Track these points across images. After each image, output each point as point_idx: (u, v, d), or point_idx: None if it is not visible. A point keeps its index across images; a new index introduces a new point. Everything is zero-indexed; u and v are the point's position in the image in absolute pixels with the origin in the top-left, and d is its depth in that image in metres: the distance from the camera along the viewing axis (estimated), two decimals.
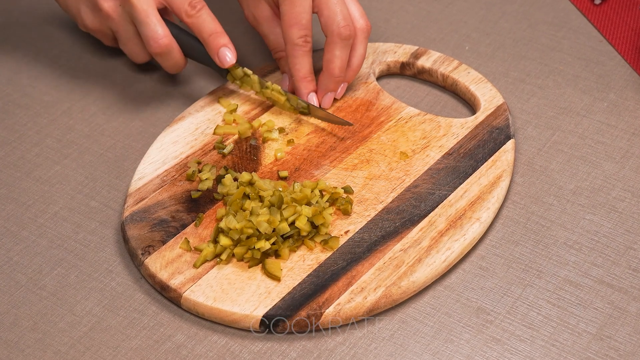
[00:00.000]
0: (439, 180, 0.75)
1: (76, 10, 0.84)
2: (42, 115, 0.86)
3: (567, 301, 0.68)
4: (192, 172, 0.76)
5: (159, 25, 0.79)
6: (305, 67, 0.80)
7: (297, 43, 0.78)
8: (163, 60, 0.82)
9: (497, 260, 0.71)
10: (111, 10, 0.81)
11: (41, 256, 0.73)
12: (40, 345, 0.67)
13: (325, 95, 0.81)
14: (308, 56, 0.79)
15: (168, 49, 0.80)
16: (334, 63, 0.79)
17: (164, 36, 0.80)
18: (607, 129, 0.82)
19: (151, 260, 0.70)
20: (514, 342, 0.66)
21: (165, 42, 0.80)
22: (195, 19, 0.80)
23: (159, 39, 0.79)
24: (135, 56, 0.84)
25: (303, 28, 0.78)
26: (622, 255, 0.71)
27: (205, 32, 0.80)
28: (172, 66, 0.82)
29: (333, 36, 0.78)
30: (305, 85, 0.80)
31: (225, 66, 0.80)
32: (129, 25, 0.81)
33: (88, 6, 0.83)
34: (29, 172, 0.80)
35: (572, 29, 0.93)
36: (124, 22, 0.81)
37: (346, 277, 0.68)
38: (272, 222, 0.69)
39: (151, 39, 0.80)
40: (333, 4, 0.78)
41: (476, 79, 0.85)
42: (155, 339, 0.67)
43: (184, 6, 0.80)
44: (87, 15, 0.83)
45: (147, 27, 0.79)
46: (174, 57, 0.81)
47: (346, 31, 0.78)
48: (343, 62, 0.79)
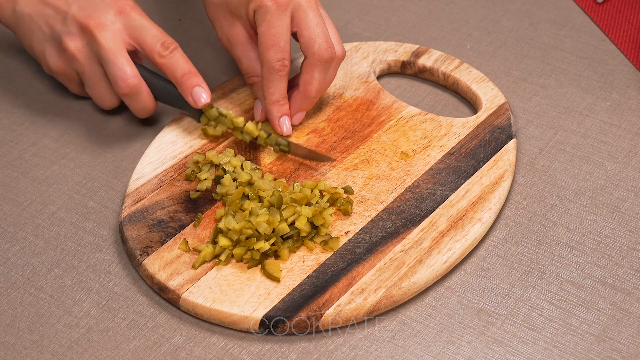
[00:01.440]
0: (440, 180, 0.75)
1: (41, 52, 0.81)
2: (39, 114, 0.86)
3: (569, 302, 0.68)
4: (190, 172, 0.76)
5: (128, 64, 0.77)
6: (280, 91, 0.77)
7: (274, 67, 0.76)
8: (131, 102, 0.79)
9: (498, 261, 0.71)
10: (77, 50, 0.78)
11: (38, 257, 0.73)
12: (37, 346, 0.67)
13: (297, 114, 0.79)
14: (284, 80, 0.77)
15: (137, 90, 0.78)
16: (312, 85, 0.77)
17: (133, 76, 0.77)
18: (609, 128, 0.82)
19: (149, 261, 0.70)
20: (516, 344, 0.66)
21: (134, 82, 0.77)
22: (167, 59, 0.77)
23: (127, 79, 0.77)
24: (102, 100, 0.81)
25: (281, 50, 0.76)
26: (625, 256, 0.71)
27: (178, 72, 0.77)
28: (141, 108, 0.80)
29: (314, 58, 0.76)
30: (278, 109, 0.78)
31: (199, 106, 0.77)
32: (96, 66, 0.79)
33: (53, 46, 0.80)
34: (26, 172, 0.80)
35: (575, 27, 0.93)
36: (90, 63, 0.78)
37: (346, 278, 0.68)
38: (272, 223, 0.69)
39: (119, 79, 0.77)
40: (314, 25, 0.76)
41: (477, 78, 0.85)
42: (154, 340, 0.67)
43: (156, 47, 0.77)
44: (51, 57, 0.80)
45: (114, 67, 0.77)
46: (143, 99, 0.79)
47: (327, 54, 0.76)
48: (320, 84, 0.78)
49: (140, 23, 0.78)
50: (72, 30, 0.78)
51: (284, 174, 0.77)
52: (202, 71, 0.89)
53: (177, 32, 0.94)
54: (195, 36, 0.94)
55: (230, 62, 0.91)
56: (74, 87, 0.83)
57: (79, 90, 0.83)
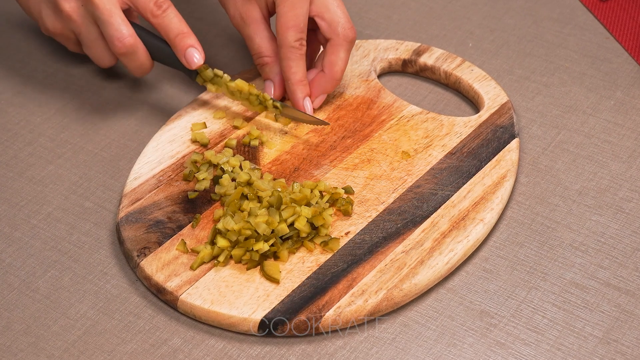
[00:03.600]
0: (442, 181, 0.75)
1: (37, 13, 0.82)
2: (35, 113, 0.86)
3: (572, 304, 0.68)
4: (189, 172, 0.76)
5: (123, 24, 0.77)
6: (302, 71, 0.79)
7: (294, 45, 0.78)
8: (128, 62, 0.80)
9: (501, 262, 0.71)
10: (72, 11, 0.79)
11: (34, 258, 0.73)
12: (33, 349, 0.67)
13: (320, 96, 0.81)
14: (304, 60, 0.79)
15: (133, 49, 0.78)
16: (338, 66, 0.79)
17: (129, 35, 0.78)
18: (613, 127, 0.82)
19: (147, 262, 0.70)
20: (519, 346, 0.66)
21: (130, 42, 0.78)
22: (161, 19, 0.78)
23: (124, 39, 0.77)
24: (100, 60, 0.82)
25: (300, 31, 0.78)
26: (629, 257, 0.71)
27: (171, 32, 0.78)
28: (137, 67, 0.80)
29: (339, 38, 0.79)
30: (302, 89, 0.80)
31: (192, 67, 0.79)
32: (92, 27, 0.79)
33: (49, 7, 0.80)
34: (21, 172, 0.80)
35: (578, 25, 0.93)
36: (86, 23, 0.79)
37: (347, 279, 0.68)
38: (271, 223, 0.69)
39: (115, 39, 0.78)
40: (335, 7, 0.79)
41: (480, 76, 0.84)
42: (151, 342, 0.67)
43: (149, 5, 0.78)
44: (48, 18, 0.81)
45: (110, 27, 0.77)
46: (140, 57, 0.79)
47: (351, 33, 0.79)
48: (346, 64, 0.80)
49: None
50: None
51: (283, 173, 0.76)
52: None
53: None
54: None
55: (229, 60, 0.91)
56: (72, 47, 0.84)
57: (77, 49, 0.84)
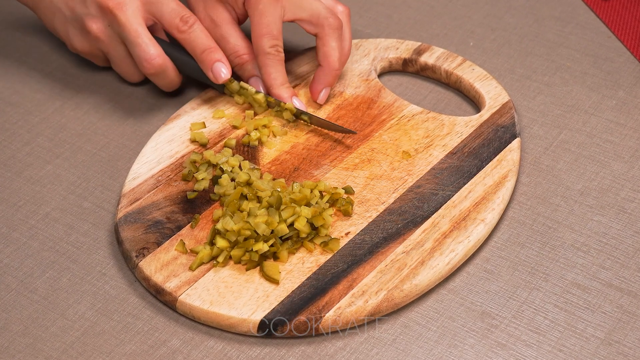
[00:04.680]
0: (443, 181, 0.75)
1: (64, 33, 0.83)
2: (33, 113, 0.86)
3: (574, 305, 0.68)
4: (188, 172, 0.76)
5: (151, 45, 0.78)
6: (281, 75, 0.80)
7: (270, 52, 0.79)
8: (158, 80, 0.81)
9: (502, 263, 0.71)
10: (100, 31, 0.80)
11: (32, 258, 0.73)
12: (31, 350, 0.67)
13: (323, 90, 0.81)
14: (282, 64, 0.80)
15: (162, 69, 0.80)
16: (332, 56, 0.80)
17: (157, 56, 0.79)
18: (615, 127, 0.81)
19: (146, 262, 0.70)
20: (520, 347, 0.66)
21: (159, 62, 0.79)
22: (187, 34, 0.79)
23: (152, 60, 0.78)
24: (129, 76, 0.84)
25: (274, 38, 0.78)
26: (632, 257, 0.71)
27: (198, 48, 0.79)
28: (167, 84, 0.82)
29: (324, 30, 0.79)
30: (285, 91, 0.80)
31: (219, 82, 0.80)
32: (119, 46, 0.80)
33: (76, 28, 0.81)
34: (19, 172, 0.80)
35: (580, 24, 0.93)
36: (114, 43, 0.80)
37: (347, 280, 0.68)
38: (271, 224, 0.69)
39: (144, 60, 0.79)
40: (308, 4, 0.79)
41: (481, 75, 0.84)
42: (150, 343, 0.67)
43: (175, 21, 0.78)
44: (76, 38, 0.82)
45: (139, 48, 0.78)
46: (169, 76, 0.81)
47: (336, 21, 0.79)
48: (340, 52, 0.80)
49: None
50: (92, 11, 0.79)
51: (283, 173, 0.76)
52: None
53: None
54: None
55: None
56: (100, 63, 0.85)
57: (105, 64, 0.86)
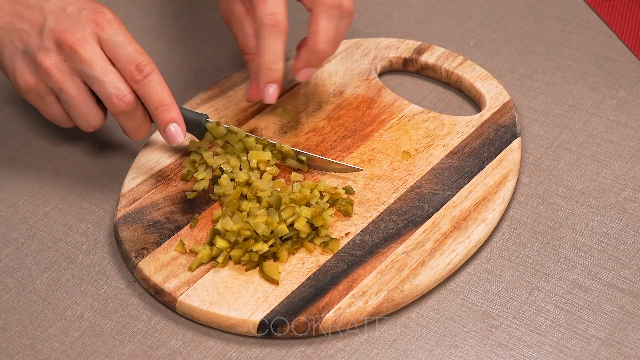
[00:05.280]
0: (443, 181, 0.75)
1: (10, 67, 0.73)
2: (32, 112, 0.85)
3: (575, 305, 0.68)
4: (187, 172, 0.76)
5: (120, 81, 0.70)
6: (272, 52, 0.72)
7: (264, 21, 0.71)
8: (127, 121, 0.72)
9: (503, 263, 0.71)
10: (53, 65, 0.71)
11: (31, 259, 0.73)
12: (30, 351, 0.67)
13: (303, 69, 0.75)
14: (278, 39, 0.71)
15: (133, 106, 0.71)
16: (320, 35, 0.72)
17: (128, 92, 0.70)
18: (616, 127, 0.81)
19: (145, 263, 0.70)
20: (521, 348, 0.65)
21: (130, 99, 0.70)
22: (141, 85, 0.71)
23: (123, 96, 0.70)
24: (85, 120, 0.73)
25: (272, 4, 0.71)
26: (633, 257, 0.71)
27: (152, 103, 0.71)
28: (137, 128, 0.73)
29: (318, 5, 0.72)
30: (267, 74, 0.72)
31: (173, 145, 0.73)
32: (76, 83, 0.71)
33: (25, 61, 0.72)
34: (18, 172, 0.80)
35: (581, 23, 0.92)
36: (68, 79, 0.71)
37: (347, 280, 0.68)
38: (270, 224, 0.69)
39: (114, 97, 0.70)
40: None
41: (481, 75, 0.84)
42: (149, 344, 0.67)
43: (130, 68, 0.70)
44: (21, 72, 0.72)
45: (107, 85, 0.70)
46: (140, 116, 0.72)
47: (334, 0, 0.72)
48: (330, 34, 0.72)
49: (116, 39, 0.71)
50: (48, 45, 0.71)
51: (283, 173, 0.76)
52: (199, 68, 0.89)
53: (174, 28, 0.94)
54: (192, 32, 0.94)
55: (228, 59, 0.90)
56: (46, 109, 0.74)
57: (53, 113, 0.74)
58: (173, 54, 0.91)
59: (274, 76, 0.73)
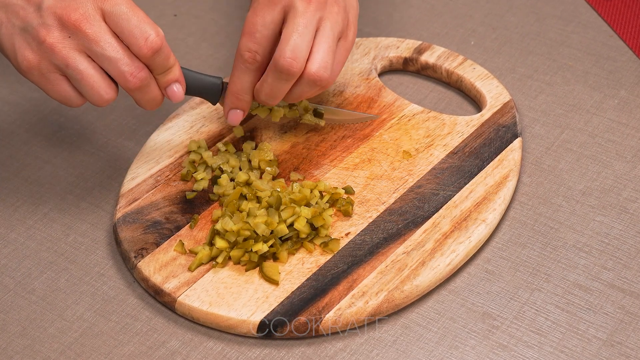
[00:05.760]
0: (443, 181, 0.75)
1: (10, 46, 0.69)
2: (31, 112, 0.85)
3: (576, 306, 0.68)
4: (186, 172, 0.76)
5: (133, 57, 0.68)
6: (242, 83, 0.73)
7: (242, 55, 0.72)
8: (141, 96, 0.71)
9: (503, 264, 0.71)
10: (57, 41, 0.67)
11: (30, 259, 0.73)
12: (29, 351, 0.67)
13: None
14: (250, 74, 0.73)
15: (147, 81, 0.70)
16: (262, 87, 0.73)
17: (142, 68, 0.69)
18: (617, 127, 0.81)
19: (144, 263, 0.69)
20: (521, 349, 0.65)
21: (144, 75, 0.69)
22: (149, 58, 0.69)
23: (137, 73, 0.69)
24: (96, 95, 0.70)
25: (254, 41, 0.72)
26: (634, 258, 0.71)
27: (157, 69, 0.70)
28: (151, 100, 0.72)
29: (272, 62, 0.71)
30: (233, 100, 0.74)
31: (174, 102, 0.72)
32: (82, 58, 0.68)
33: (26, 39, 0.68)
34: (17, 172, 0.80)
35: (582, 23, 0.92)
36: (74, 55, 0.68)
37: (347, 280, 0.68)
38: (270, 224, 0.69)
39: (128, 74, 0.68)
40: (292, 31, 0.71)
41: (482, 75, 0.84)
42: (149, 345, 0.67)
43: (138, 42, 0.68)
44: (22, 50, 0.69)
45: (119, 62, 0.68)
46: (153, 90, 0.71)
47: (285, 63, 0.70)
48: (272, 91, 0.72)
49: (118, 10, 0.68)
50: (49, 22, 0.68)
51: (283, 173, 0.76)
52: (199, 67, 0.89)
53: (173, 28, 0.94)
54: (191, 32, 0.94)
55: (227, 59, 0.90)
56: (52, 88, 0.70)
57: (60, 92, 0.70)
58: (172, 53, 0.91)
59: (240, 105, 0.75)
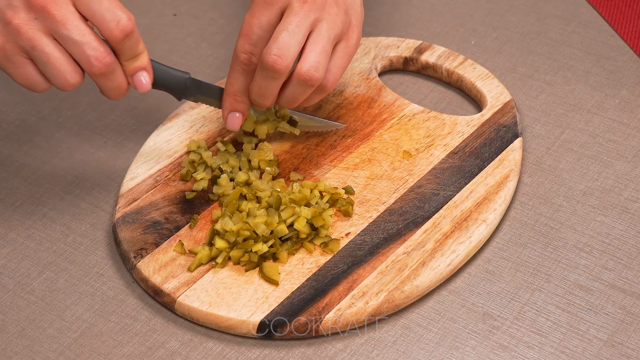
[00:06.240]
0: (444, 181, 0.75)
1: None
2: (30, 112, 0.85)
3: (577, 306, 0.68)
4: (186, 172, 0.76)
5: (99, 41, 0.67)
6: (239, 84, 0.73)
7: (239, 57, 0.72)
8: (106, 82, 0.69)
9: (504, 264, 0.71)
10: (23, 23, 0.66)
11: (29, 259, 0.73)
12: (28, 352, 0.67)
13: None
14: (245, 76, 0.73)
15: (113, 67, 0.68)
16: (252, 86, 0.73)
17: (108, 53, 0.67)
18: (618, 126, 0.81)
19: (144, 263, 0.69)
20: (522, 349, 0.65)
21: (110, 61, 0.67)
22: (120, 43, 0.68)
23: (103, 58, 0.67)
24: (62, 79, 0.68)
25: (250, 43, 0.72)
26: (635, 258, 0.71)
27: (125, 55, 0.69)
28: (115, 88, 0.70)
29: (260, 59, 0.71)
30: (231, 102, 0.74)
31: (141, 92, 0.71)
32: (48, 40, 0.67)
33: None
34: (16, 172, 0.80)
35: (582, 22, 0.92)
36: (40, 37, 0.66)
37: (347, 281, 0.68)
38: (270, 224, 0.69)
39: (93, 59, 0.67)
40: (283, 29, 0.70)
41: (482, 74, 0.84)
42: (148, 345, 0.67)
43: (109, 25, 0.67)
44: None
45: (85, 46, 0.66)
46: (118, 77, 0.69)
47: (270, 60, 0.70)
48: (260, 89, 0.72)
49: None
50: (16, 3, 0.66)
51: (282, 173, 0.76)
52: (198, 67, 0.89)
53: (173, 28, 0.94)
54: (191, 31, 0.94)
55: (227, 58, 0.90)
56: (17, 72, 0.69)
57: (24, 75, 0.69)
58: (171, 53, 0.91)
59: (239, 107, 0.74)
